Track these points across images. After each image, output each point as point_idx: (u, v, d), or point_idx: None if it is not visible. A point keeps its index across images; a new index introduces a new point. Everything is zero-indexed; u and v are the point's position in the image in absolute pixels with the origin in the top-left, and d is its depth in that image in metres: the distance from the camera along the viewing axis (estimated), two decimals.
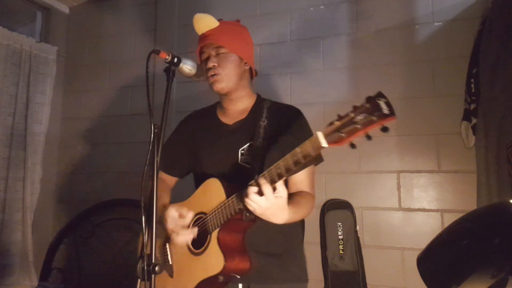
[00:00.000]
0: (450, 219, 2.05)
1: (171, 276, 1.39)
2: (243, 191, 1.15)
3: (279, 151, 1.17)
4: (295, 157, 1.06)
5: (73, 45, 3.22)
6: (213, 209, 1.29)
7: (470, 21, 2.15)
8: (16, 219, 2.69)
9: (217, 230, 1.26)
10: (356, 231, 2.07)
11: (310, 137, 1.26)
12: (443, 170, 2.15)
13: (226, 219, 1.24)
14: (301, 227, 1.50)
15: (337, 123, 0.97)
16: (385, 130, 0.91)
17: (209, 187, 1.37)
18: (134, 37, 3.02)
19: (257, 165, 1.31)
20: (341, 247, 2.02)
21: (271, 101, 1.52)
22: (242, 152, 1.39)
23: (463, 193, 2.07)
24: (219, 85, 1.41)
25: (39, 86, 2.86)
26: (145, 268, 1.06)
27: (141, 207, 1.10)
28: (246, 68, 1.46)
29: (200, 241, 1.32)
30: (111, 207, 2.80)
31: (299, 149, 1.05)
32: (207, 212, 1.32)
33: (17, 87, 2.74)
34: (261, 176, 1.13)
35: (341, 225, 2.05)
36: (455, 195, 2.11)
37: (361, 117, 0.93)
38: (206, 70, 1.42)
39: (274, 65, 2.54)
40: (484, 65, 1.90)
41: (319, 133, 1.01)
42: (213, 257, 1.25)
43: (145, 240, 1.08)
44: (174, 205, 1.38)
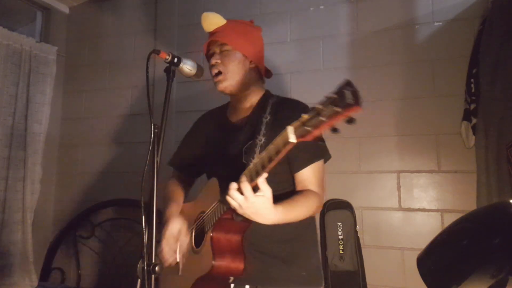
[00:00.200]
0: (450, 219, 2.05)
1: (178, 272, 1.41)
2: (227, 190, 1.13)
3: None
4: (269, 154, 1.03)
5: (73, 45, 3.22)
6: (208, 209, 1.30)
7: (470, 21, 2.15)
8: (16, 219, 2.69)
9: (211, 229, 1.26)
10: (356, 231, 2.07)
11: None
12: (443, 170, 2.15)
13: (217, 219, 1.24)
14: (311, 229, 1.43)
15: (305, 116, 0.92)
16: (350, 121, 0.84)
17: (210, 187, 1.38)
18: (134, 37, 3.02)
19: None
20: (341, 247, 2.02)
21: (279, 97, 1.48)
22: (245, 150, 1.37)
23: (463, 193, 2.07)
24: (222, 84, 1.41)
25: (39, 86, 2.86)
26: (145, 268, 1.06)
27: (141, 207, 1.10)
28: (251, 66, 1.43)
29: (200, 239, 1.33)
30: (111, 207, 2.80)
31: (272, 145, 1.03)
32: (209, 211, 1.33)
33: (17, 87, 2.74)
34: (243, 174, 1.11)
35: (341, 225, 2.05)
36: (455, 195, 2.11)
37: (327, 109, 0.87)
38: (210, 67, 1.43)
39: (274, 65, 2.54)
40: (484, 65, 1.90)
41: (289, 128, 0.96)
42: (205, 257, 1.25)
43: (145, 240, 1.08)
44: (176, 220, 1.38)
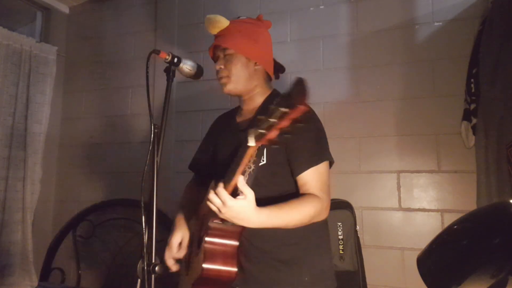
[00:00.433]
0: (450, 219, 2.05)
1: (186, 273, 1.42)
2: None
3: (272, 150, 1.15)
4: (238, 158, 1.04)
5: (73, 45, 3.22)
6: (205, 212, 1.32)
7: (470, 21, 2.15)
8: (16, 219, 2.69)
9: (205, 233, 1.27)
10: (356, 231, 2.07)
11: (313, 135, 1.25)
12: (443, 170, 2.15)
13: (209, 222, 1.25)
14: (318, 233, 1.38)
15: (260, 118, 0.89)
16: (295, 123, 0.82)
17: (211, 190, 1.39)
18: (134, 37, 3.02)
19: None
20: (341, 247, 2.02)
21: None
22: None
23: (463, 193, 2.07)
24: (226, 88, 1.41)
25: (39, 86, 2.86)
26: (145, 268, 1.06)
27: (141, 207, 1.10)
28: (256, 68, 1.42)
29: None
30: (111, 207, 2.80)
31: (240, 148, 1.02)
32: (206, 214, 1.34)
33: (17, 87, 2.74)
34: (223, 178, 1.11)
35: (341, 225, 2.05)
36: (455, 195, 2.11)
37: (278, 109, 0.84)
38: (216, 71, 1.44)
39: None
40: (484, 65, 1.90)
41: (250, 131, 0.94)
42: (199, 260, 1.26)
43: (145, 240, 1.09)
44: (179, 230, 1.42)
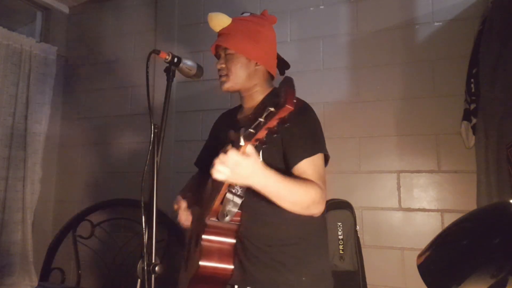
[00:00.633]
0: (450, 219, 2.05)
1: (185, 269, 1.43)
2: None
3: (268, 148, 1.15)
4: None
5: (73, 45, 3.22)
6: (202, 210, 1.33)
7: (470, 21, 2.15)
8: (16, 219, 2.69)
9: (202, 231, 1.28)
10: (356, 231, 2.07)
11: (307, 126, 1.25)
12: (443, 170, 2.15)
13: (205, 219, 1.26)
14: (317, 233, 1.38)
15: (253, 117, 0.90)
16: (283, 123, 0.82)
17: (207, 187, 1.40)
18: (134, 37, 3.02)
19: None
20: (341, 247, 2.02)
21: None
22: None
23: (463, 193, 2.07)
24: (224, 86, 1.42)
25: (39, 86, 2.86)
26: (145, 268, 1.06)
27: (141, 207, 1.10)
28: (257, 68, 1.42)
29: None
30: (111, 207, 2.80)
31: (234, 146, 1.03)
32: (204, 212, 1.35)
33: (17, 87, 2.74)
34: None
35: (341, 225, 2.05)
36: (455, 195, 2.11)
37: (266, 109, 0.84)
38: (217, 70, 1.45)
39: None
40: (484, 65, 1.90)
41: (241, 130, 0.95)
42: (196, 257, 1.27)
43: (145, 240, 1.09)
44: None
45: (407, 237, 2.15)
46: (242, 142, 0.94)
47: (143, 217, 1.10)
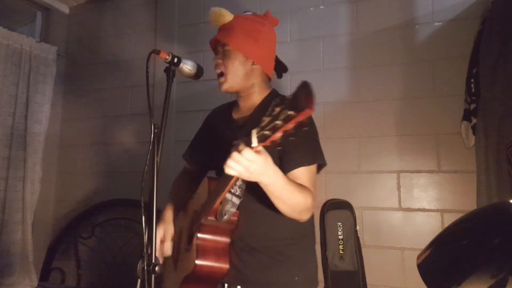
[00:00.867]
0: (450, 219, 2.05)
1: (175, 269, 1.42)
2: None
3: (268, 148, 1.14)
4: None
5: (73, 45, 3.22)
6: (197, 209, 1.33)
7: (470, 21, 2.15)
8: (16, 219, 2.69)
9: (196, 229, 1.28)
10: (356, 231, 2.07)
11: (310, 136, 1.25)
12: (443, 170, 2.15)
13: (203, 218, 1.26)
14: (309, 234, 1.42)
15: (265, 120, 0.89)
16: (300, 127, 0.82)
17: (202, 187, 1.40)
18: (134, 37, 3.02)
19: None
20: (341, 247, 2.02)
21: (284, 97, 1.48)
22: None
23: (463, 193, 2.07)
24: (223, 87, 1.42)
25: (39, 86, 2.86)
26: (145, 268, 1.06)
27: (141, 207, 1.10)
28: (253, 67, 1.41)
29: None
30: (111, 207, 2.80)
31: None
32: (198, 210, 1.35)
33: (17, 87, 2.74)
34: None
35: (341, 225, 2.05)
36: (455, 195, 2.11)
37: (283, 112, 0.84)
38: (214, 66, 1.44)
39: None
40: (484, 65, 1.90)
41: (253, 132, 0.93)
42: (191, 256, 1.27)
43: (145, 240, 1.09)
44: (162, 225, 1.39)
45: (407, 237, 2.15)
46: (255, 143, 0.93)
47: (143, 217, 1.09)
